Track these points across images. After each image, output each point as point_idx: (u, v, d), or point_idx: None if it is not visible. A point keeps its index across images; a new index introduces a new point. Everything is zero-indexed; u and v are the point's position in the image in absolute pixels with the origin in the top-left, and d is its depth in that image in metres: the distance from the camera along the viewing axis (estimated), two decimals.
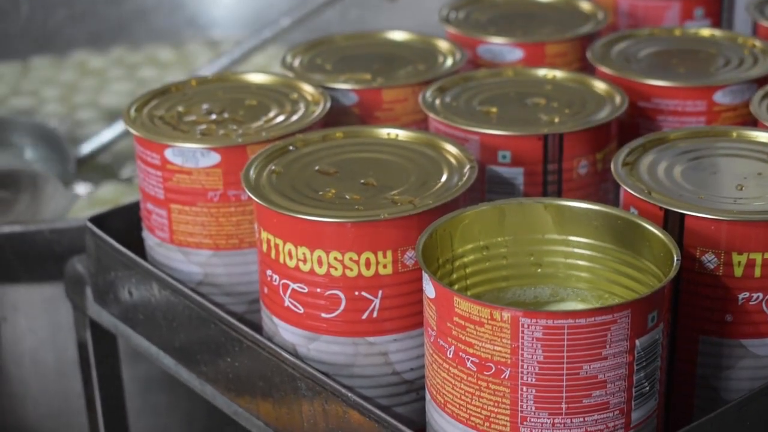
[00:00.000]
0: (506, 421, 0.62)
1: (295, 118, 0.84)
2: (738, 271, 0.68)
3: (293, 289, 0.72)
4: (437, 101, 0.85)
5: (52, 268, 1.06)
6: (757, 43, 0.94)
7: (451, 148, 0.78)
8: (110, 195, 1.31)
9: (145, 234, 0.86)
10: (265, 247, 0.73)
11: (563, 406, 0.61)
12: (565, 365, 0.61)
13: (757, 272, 0.68)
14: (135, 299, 0.86)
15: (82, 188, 1.35)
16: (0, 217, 1.25)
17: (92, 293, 0.92)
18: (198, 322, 0.80)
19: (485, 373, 0.62)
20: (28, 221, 1.21)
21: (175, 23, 1.81)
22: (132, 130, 0.82)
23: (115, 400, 0.98)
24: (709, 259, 0.68)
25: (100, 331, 0.93)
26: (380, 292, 0.71)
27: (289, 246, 0.71)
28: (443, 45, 0.97)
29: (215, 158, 0.80)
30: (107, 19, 1.79)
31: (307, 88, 0.88)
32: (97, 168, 1.40)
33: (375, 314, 0.71)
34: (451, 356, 0.63)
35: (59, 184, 1.31)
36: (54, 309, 1.10)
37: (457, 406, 0.64)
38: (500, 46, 0.97)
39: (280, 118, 0.84)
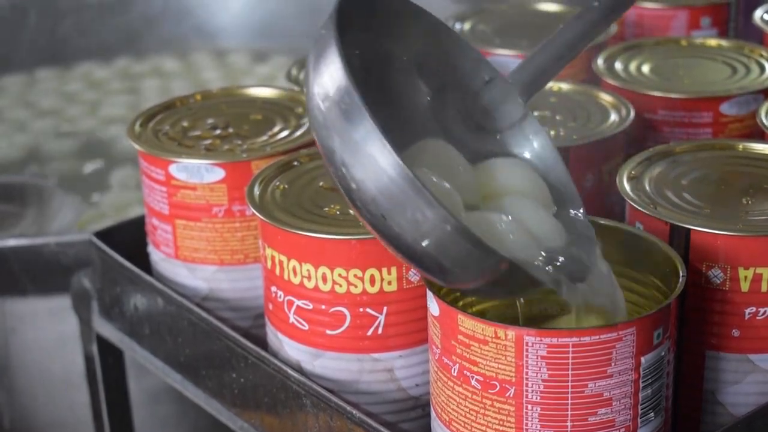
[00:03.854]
0: None
1: (299, 132, 0.84)
2: (744, 286, 0.68)
3: (298, 306, 0.72)
4: None
5: (59, 280, 1.06)
6: (764, 53, 0.93)
7: None
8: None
9: (151, 249, 0.86)
10: (269, 263, 0.73)
11: (568, 424, 0.61)
12: (570, 383, 0.60)
13: (764, 287, 0.68)
14: (140, 314, 0.86)
15: None
16: (7, 230, 1.25)
17: (98, 307, 0.92)
18: (203, 337, 0.80)
19: (490, 391, 0.62)
20: (34, 234, 1.21)
21: (182, 32, 1.81)
22: (136, 146, 0.82)
23: (122, 412, 0.98)
24: (716, 274, 0.68)
25: (106, 344, 0.93)
26: (385, 309, 0.70)
27: (294, 263, 0.71)
28: None
29: (220, 174, 0.80)
30: (114, 29, 1.79)
31: None
32: None
33: (380, 331, 0.71)
34: (455, 374, 0.63)
35: (65, 196, 1.31)
36: (61, 321, 1.10)
37: (462, 423, 0.64)
38: (506, 57, 0.97)
39: (285, 132, 0.84)
